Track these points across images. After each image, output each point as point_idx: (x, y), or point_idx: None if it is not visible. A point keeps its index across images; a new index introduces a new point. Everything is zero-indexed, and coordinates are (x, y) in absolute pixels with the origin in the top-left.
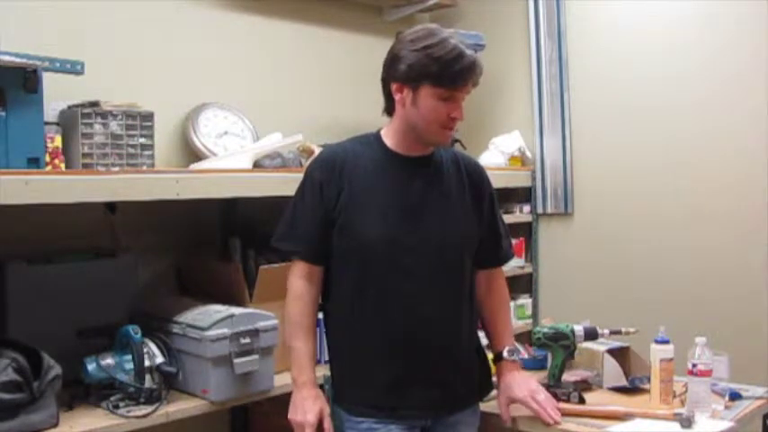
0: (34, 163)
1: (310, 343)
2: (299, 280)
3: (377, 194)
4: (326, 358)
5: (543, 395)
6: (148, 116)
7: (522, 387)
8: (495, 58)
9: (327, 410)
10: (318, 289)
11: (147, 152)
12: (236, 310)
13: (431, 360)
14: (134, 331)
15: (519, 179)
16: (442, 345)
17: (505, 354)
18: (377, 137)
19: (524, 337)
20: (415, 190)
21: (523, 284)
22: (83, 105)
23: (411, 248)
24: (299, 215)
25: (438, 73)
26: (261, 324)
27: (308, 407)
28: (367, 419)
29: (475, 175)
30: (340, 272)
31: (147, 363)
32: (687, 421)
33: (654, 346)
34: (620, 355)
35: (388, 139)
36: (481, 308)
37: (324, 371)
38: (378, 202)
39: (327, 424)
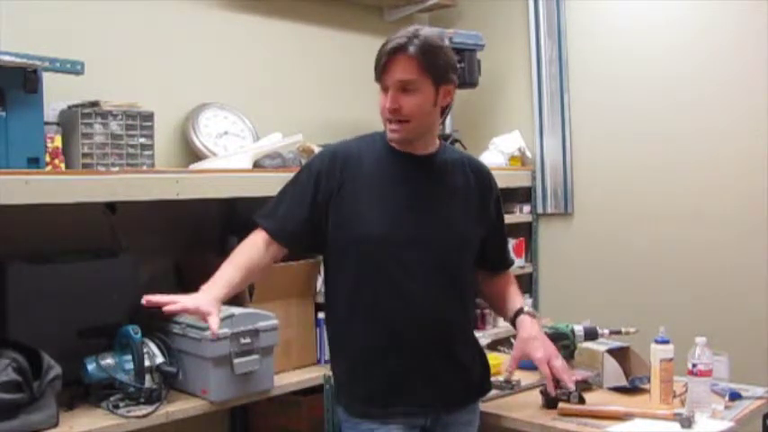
0: (34, 163)
1: (235, 272)
2: (259, 238)
3: (379, 192)
4: (326, 358)
5: (560, 362)
6: (148, 116)
7: (540, 347)
8: (495, 58)
9: (211, 309)
10: (269, 260)
11: (147, 152)
12: (236, 310)
13: (429, 359)
14: (134, 331)
15: (519, 179)
16: (440, 344)
17: (526, 307)
18: (381, 135)
19: None
20: (417, 189)
21: (523, 284)
22: (83, 105)
23: (411, 247)
24: (284, 197)
25: (375, 66)
26: (261, 324)
27: (193, 295)
28: (366, 420)
29: (481, 177)
30: (339, 269)
31: (147, 363)
32: (687, 421)
33: (654, 346)
34: (620, 355)
35: (392, 142)
36: (488, 292)
37: (324, 370)
38: (379, 199)
39: (213, 323)
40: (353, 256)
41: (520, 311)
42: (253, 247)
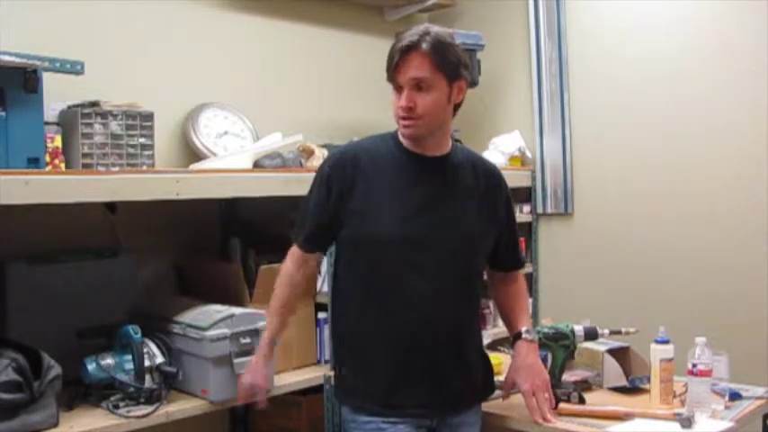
0: (34, 163)
1: (285, 318)
2: (289, 262)
3: (391, 192)
4: (326, 358)
5: (545, 395)
6: (148, 116)
7: (528, 379)
8: (495, 58)
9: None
10: (308, 275)
11: (147, 152)
12: (236, 310)
13: (438, 359)
14: (134, 331)
15: (519, 179)
16: (449, 344)
17: (524, 332)
18: (394, 136)
19: None
20: (429, 189)
21: None
22: (83, 105)
23: (422, 247)
24: (305, 209)
25: (387, 66)
26: (261, 324)
27: (259, 369)
28: (374, 419)
29: (492, 178)
30: (350, 268)
31: (147, 363)
32: (687, 421)
33: (654, 346)
34: (620, 355)
35: (405, 139)
36: (499, 298)
37: (324, 370)
38: (392, 199)
39: (262, 397)
40: (365, 256)
41: (518, 336)
42: (290, 284)
